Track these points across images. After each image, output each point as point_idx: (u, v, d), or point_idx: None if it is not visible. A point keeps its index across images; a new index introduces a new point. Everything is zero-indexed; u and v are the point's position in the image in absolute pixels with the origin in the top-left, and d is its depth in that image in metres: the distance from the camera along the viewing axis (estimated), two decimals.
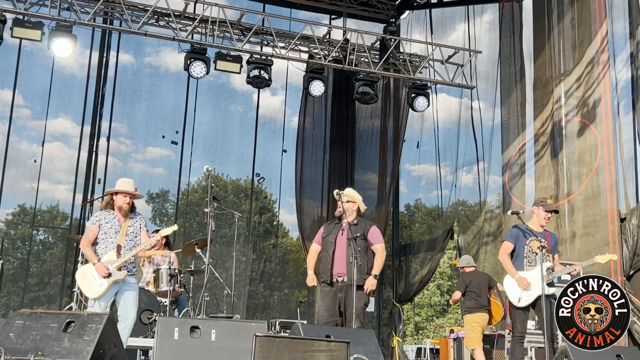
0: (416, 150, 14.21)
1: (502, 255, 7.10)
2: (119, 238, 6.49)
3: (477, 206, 13.62)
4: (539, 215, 7.11)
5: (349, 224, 6.67)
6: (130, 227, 6.58)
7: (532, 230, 7.04)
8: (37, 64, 13.43)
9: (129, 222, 6.60)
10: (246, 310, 13.55)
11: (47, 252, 17.34)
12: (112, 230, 6.50)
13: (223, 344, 5.21)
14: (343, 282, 6.61)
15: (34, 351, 4.77)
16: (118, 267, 6.35)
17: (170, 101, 13.91)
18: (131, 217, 6.64)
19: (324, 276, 6.75)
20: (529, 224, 7.15)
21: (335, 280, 6.68)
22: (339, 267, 6.67)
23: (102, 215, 6.59)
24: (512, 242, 7.06)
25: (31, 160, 13.03)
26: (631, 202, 10.26)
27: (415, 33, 13.75)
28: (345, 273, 6.61)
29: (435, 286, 31.24)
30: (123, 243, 6.48)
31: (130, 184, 6.65)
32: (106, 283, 6.28)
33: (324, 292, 6.73)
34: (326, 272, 6.73)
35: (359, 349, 5.39)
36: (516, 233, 7.07)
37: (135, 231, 6.62)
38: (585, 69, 10.89)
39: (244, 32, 11.73)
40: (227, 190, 20.81)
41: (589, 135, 10.69)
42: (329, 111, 13.91)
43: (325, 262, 6.77)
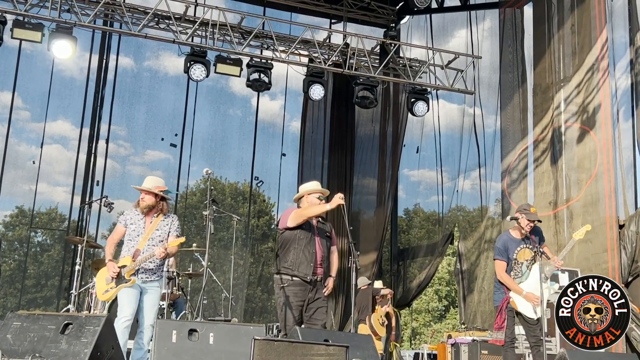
0: (415, 155, 14.24)
1: (500, 274, 6.90)
2: (140, 242, 6.05)
3: (476, 212, 13.62)
4: (521, 224, 6.89)
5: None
6: (157, 231, 6.09)
7: (516, 240, 6.90)
8: (36, 66, 13.47)
9: (158, 225, 6.11)
10: (244, 313, 13.54)
11: (45, 254, 17.31)
12: (135, 233, 6.07)
13: (221, 347, 5.19)
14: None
15: (32, 353, 4.75)
16: (129, 274, 5.93)
17: (170, 104, 13.95)
18: (162, 219, 6.15)
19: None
20: (511, 231, 7.04)
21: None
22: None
23: (130, 215, 6.15)
24: (503, 259, 6.90)
25: (30, 162, 13.03)
26: (630, 208, 10.25)
27: (415, 38, 13.79)
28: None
29: (434, 291, 31.20)
30: (143, 248, 6.01)
31: (153, 181, 6.19)
32: (115, 287, 5.93)
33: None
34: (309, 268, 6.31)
35: (358, 354, 5.38)
36: (504, 248, 6.92)
37: (162, 235, 6.10)
38: (585, 76, 10.90)
39: (244, 36, 11.74)
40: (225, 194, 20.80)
41: (589, 142, 10.69)
42: (329, 115, 13.94)
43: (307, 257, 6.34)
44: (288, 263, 6.17)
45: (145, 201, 6.10)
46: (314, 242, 6.27)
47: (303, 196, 6.45)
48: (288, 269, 6.16)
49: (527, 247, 6.84)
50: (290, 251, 6.21)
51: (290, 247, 6.22)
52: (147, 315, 6.00)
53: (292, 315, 6.05)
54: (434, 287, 30.90)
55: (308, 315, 6.18)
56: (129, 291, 5.95)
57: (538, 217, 6.87)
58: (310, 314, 6.18)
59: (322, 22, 13.61)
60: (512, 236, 6.97)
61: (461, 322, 12.72)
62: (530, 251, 6.82)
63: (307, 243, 6.22)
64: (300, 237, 6.23)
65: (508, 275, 6.82)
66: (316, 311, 6.19)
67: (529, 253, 6.83)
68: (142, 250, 6.00)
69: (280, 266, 6.23)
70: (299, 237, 6.23)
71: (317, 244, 6.27)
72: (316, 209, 6.23)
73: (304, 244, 6.20)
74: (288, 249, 6.23)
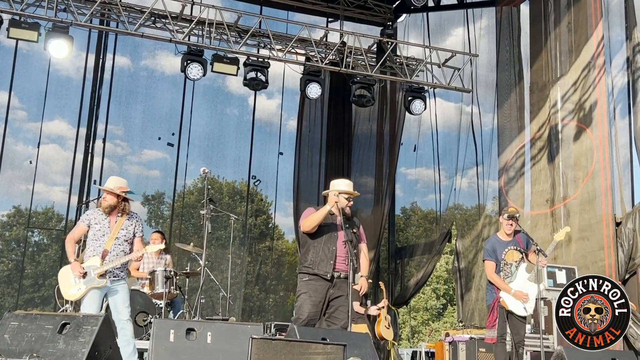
0: (412, 153, 14.24)
1: (490, 275, 7.17)
2: (106, 241, 6.13)
3: (474, 210, 13.64)
4: (503, 225, 7.23)
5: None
6: (122, 231, 6.20)
7: (503, 242, 7.17)
8: (33, 66, 13.44)
9: (123, 224, 6.21)
10: (242, 312, 13.54)
11: (42, 254, 17.28)
12: (100, 233, 6.15)
13: (219, 346, 5.20)
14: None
15: (29, 353, 4.75)
16: (99, 275, 6.03)
17: (167, 104, 13.94)
18: (127, 219, 6.25)
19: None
20: (498, 235, 7.30)
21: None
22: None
23: (94, 215, 6.22)
24: (492, 260, 7.16)
25: (27, 162, 12.99)
26: (627, 206, 10.26)
27: (412, 37, 13.80)
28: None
29: (432, 290, 31.21)
30: (110, 248, 6.11)
31: (115, 182, 6.24)
32: (84, 287, 6.01)
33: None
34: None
35: (355, 352, 5.38)
36: (492, 249, 7.19)
37: (127, 235, 6.23)
38: (581, 73, 10.91)
39: (241, 35, 11.73)
40: (222, 193, 20.79)
41: (585, 140, 10.70)
42: (326, 114, 13.93)
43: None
44: (308, 262, 6.25)
45: (107, 201, 6.18)
46: (334, 239, 6.27)
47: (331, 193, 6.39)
48: (308, 268, 6.23)
49: (514, 249, 7.10)
50: (309, 250, 6.29)
51: (310, 247, 6.29)
52: (122, 312, 6.12)
53: (308, 310, 6.09)
54: (432, 285, 30.92)
55: (329, 313, 6.23)
56: (95, 292, 6.06)
57: (514, 213, 7.10)
58: (332, 312, 6.21)
59: (319, 21, 13.61)
60: (499, 238, 7.25)
61: (459, 320, 12.73)
62: (518, 252, 7.09)
63: (327, 240, 6.25)
64: (320, 235, 6.27)
65: (497, 275, 7.07)
66: (337, 309, 6.21)
67: (517, 254, 7.09)
68: (110, 249, 6.10)
69: (301, 266, 6.32)
70: (318, 235, 6.28)
71: (338, 241, 6.26)
72: (317, 215, 6.24)
73: (323, 242, 6.25)
74: (308, 248, 6.31)
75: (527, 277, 6.98)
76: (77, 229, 6.33)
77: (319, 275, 6.17)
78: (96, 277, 6.03)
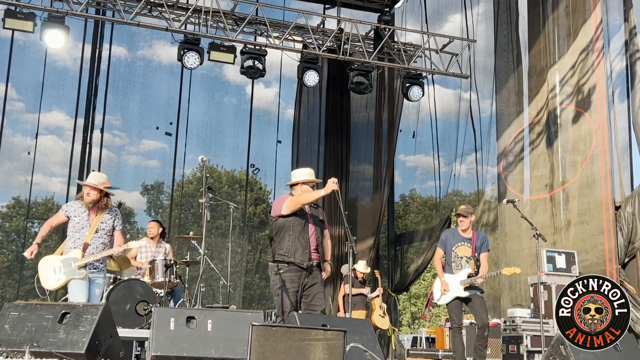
0: (411, 140, 14.22)
1: (434, 260, 7.83)
2: (87, 234, 6.31)
3: (473, 196, 13.63)
4: (458, 221, 7.71)
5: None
6: (102, 224, 6.38)
7: (458, 235, 7.62)
8: (29, 56, 13.39)
9: (102, 219, 6.37)
10: (242, 301, 13.57)
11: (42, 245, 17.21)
12: (79, 225, 6.33)
13: (219, 333, 5.20)
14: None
15: (30, 342, 4.76)
16: (79, 267, 6.22)
17: (164, 93, 13.87)
18: (107, 213, 6.41)
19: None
20: (458, 229, 7.69)
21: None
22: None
23: (73, 207, 6.40)
24: (441, 249, 7.72)
25: (25, 153, 12.99)
26: (626, 190, 10.27)
27: (409, 23, 13.71)
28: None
29: (432, 276, 31.29)
30: (91, 240, 6.31)
31: (97, 177, 6.43)
32: (64, 278, 6.21)
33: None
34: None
35: (356, 338, 5.39)
36: (444, 239, 7.70)
37: (107, 228, 6.41)
38: (579, 57, 10.88)
39: (238, 22, 11.68)
40: (221, 182, 20.77)
41: (584, 124, 10.69)
42: (324, 102, 13.89)
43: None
44: (283, 250, 6.17)
45: (91, 196, 6.32)
46: (307, 228, 6.27)
47: (297, 183, 6.43)
48: (284, 256, 6.16)
49: (466, 245, 7.56)
50: (285, 238, 6.20)
51: (285, 234, 6.21)
52: (95, 302, 6.27)
53: (289, 300, 6.07)
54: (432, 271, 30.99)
55: (307, 302, 6.20)
56: (80, 282, 6.24)
57: (462, 211, 7.61)
58: (309, 300, 6.20)
59: (316, 8, 13.53)
60: (456, 231, 7.73)
61: None
62: (469, 249, 7.55)
63: (302, 229, 6.22)
64: (295, 223, 6.22)
65: (439, 262, 7.68)
66: (314, 297, 6.21)
67: (468, 250, 7.55)
68: (90, 242, 6.28)
69: (275, 253, 6.21)
70: (293, 223, 6.22)
71: (310, 229, 6.27)
72: (311, 195, 6.25)
73: (298, 231, 6.20)
74: (283, 236, 6.22)
75: (462, 280, 7.42)
76: (57, 216, 6.51)
77: (295, 264, 6.14)
78: (76, 268, 6.23)
